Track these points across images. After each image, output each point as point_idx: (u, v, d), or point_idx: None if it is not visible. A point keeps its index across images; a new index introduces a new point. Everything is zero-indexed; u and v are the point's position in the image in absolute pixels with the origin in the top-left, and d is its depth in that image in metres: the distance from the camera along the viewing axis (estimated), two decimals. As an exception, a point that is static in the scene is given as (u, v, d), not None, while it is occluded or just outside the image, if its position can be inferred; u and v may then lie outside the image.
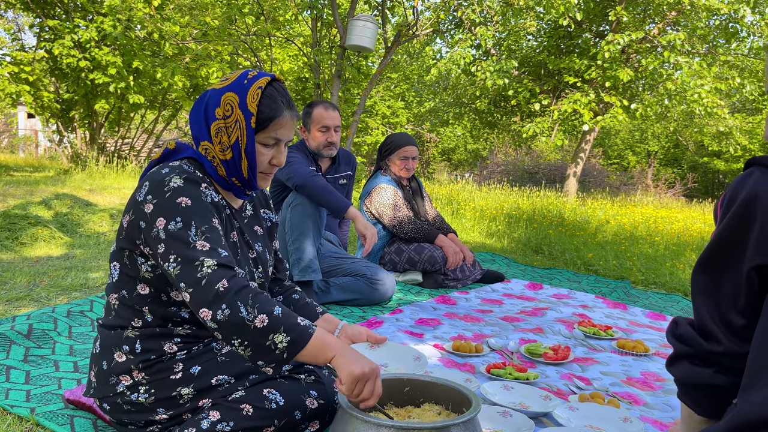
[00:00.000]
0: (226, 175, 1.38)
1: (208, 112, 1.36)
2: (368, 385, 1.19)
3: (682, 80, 10.70)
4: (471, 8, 7.81)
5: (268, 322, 1.16)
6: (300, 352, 1.19)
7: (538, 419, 1.66)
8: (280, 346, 1.17)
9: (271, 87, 1.37)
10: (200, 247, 1.21)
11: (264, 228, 1.57)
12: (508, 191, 11.30)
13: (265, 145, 1.37)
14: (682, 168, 23.50)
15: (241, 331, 1.16)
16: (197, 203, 1.28)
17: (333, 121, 3.07)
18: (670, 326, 1.08)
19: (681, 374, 1.04)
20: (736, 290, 0.95)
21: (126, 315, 1.36)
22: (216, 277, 1.18)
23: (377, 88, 14.15)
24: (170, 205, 1.26)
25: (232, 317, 1.15)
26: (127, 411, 1.34)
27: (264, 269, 1.50)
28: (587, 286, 3.87)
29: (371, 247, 2.82)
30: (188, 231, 1.23)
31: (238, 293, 1.17)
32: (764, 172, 0.92)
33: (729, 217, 0.95)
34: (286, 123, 1.38)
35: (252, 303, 1.17)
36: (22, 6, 9.71)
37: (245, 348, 1.17)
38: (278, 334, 1.17)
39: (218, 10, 7.37)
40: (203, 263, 1.19)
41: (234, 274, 1.20)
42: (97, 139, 10.65)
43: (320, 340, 1.20)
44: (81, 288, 2.88)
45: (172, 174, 1.30)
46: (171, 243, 1.22)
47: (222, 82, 1.38)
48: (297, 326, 1.19)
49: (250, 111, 1.33)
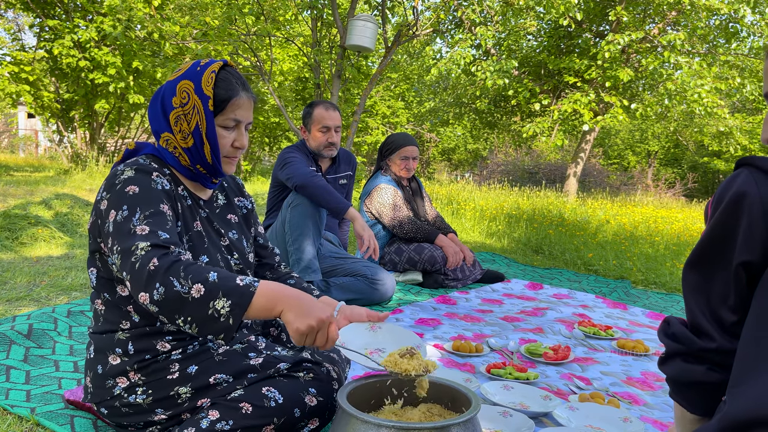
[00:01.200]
0: (190, 163, 1.39)
1: (164, 103, 1.37)
2: (319, 335, 1.18)
3: (682, 80, 10.70)
4: (471, 8, 7.81)
5: (205, 289, 1.12)
6: (245, 314, 1.14)
7: (538, 419, 1.66)
8: (223, 312, 1.12)
9: (224, 71, 1.38)
10: (139, 232, 1.20)
11: (239, 215, 1.58)
12: (508, 191, 11.30)
13: (225, 127, 1.38)
14: (682, 168, 23.50)
15: (180, 306, 1.12)
16: (145, 189, 1.28)
17: (333, 122, 3.07)
18: (662, 326, 1.09)
19: (674, 373, 1.05)
20: (727, 287, 0.97)
21: (113, 318, 1.36)
22: (147, 258, 1.15)
23: (377, 88, 14.16)
24: (120, 195, 1.27)
25: (167, 293, 1.12)
26: (125, 413, 1.34)
27: (240, 256, 1.50)
28: (587, 286, 3.87)
29: (374, 249, 2.81)
30: (132, 218, 1.23)
31: (169, 269, 1.14)
32: (752, 172, 0.95)
33: (717, 216, 0.97)
34: (243, 103, 1.39)
35: (185, 275, 1.13)
36: (22, 6, 9.71)
37: (190, 324, 1.14)
38: (218, 300, 1.12)
39: (218, 10, 7.37)
40: (138, 247, 1.17)
41: (165, 252, 1.17)
42: (97, 139, 10.65)
43: (265, 297, 1.15)
44: (81, 288, 2.88)
45: (125, 168, 1.32)
46: (115, 234, 1.23)
47: (175, 73, 1.40)
48: (236, 288, 1.14)
49: (207, 95, 1.34)
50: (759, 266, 0.93)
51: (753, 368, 0.88)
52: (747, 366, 0.89)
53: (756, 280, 0.94)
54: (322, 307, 1.18)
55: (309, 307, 1.17)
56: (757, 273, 0.94)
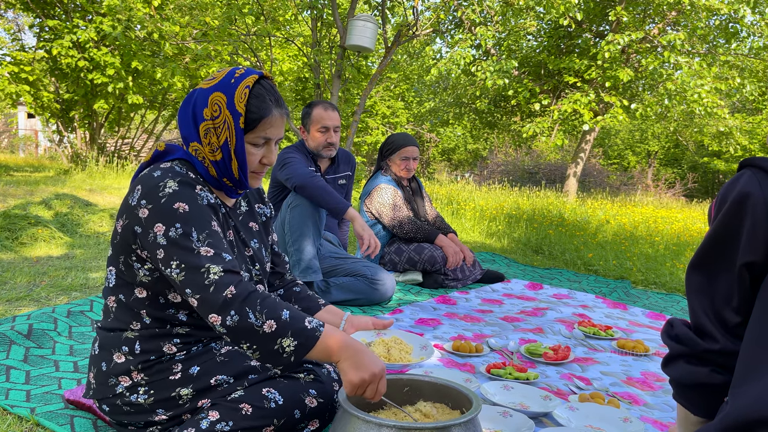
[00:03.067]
0: (217, 175, 1.37)
1: (196, 113, 1.34)
2: (369, 388, 1.22)
3: (682, 80, 10.70)
4: (471, 8, 7.81)
5: (276, 327, 1.18)
6: (306, 355, 1.21)
7: (538, 419, 1.66)
8: (288, 350, 1.19)
9: (258, 85, 1.34)
10: (204, 253, 1.21)
11: (259, 223, 1.56)
12: (508, 191, 11.30)
13: (254, 144, 1.36)
14: (682, 168, 23.50)
15: (250, 336, 1.18)
16: (195, 208, 1.27)
17: (332, 122, 3.07)
18: (665, 328, 1.08)
19: (677, 374, 1.04)
20: (730, 288, 0.97)
21: (124, 318, 1.35)
22: (223, 283, 1.18)
23: (377, 88, 14.15)
24: (167, 210, 1.24)
25: (241, 323, 1.17)
26: (126, 412, 1.34)
27: (261, 266, 1.49)
28: (587, 286, 3.87)
29: (375, 249, 2.80)
30: (190, 237, 1.23)
31: (246, 300, 1.18)
32: (755, 173, 0.95)
33: (721, 217, 0.97)
34: (275, 122, 1.36)
35: (260, 309, 1.18)
36: (22, 6, 9.71)
37: (254, 351, 1.19)
38: (286, 338, 1.19)
39: (218, 10, 7.36)
40: (209, 270, 1.20)
41: (240, 279, 1.21)
42: (97, 139, 10.65)
43: (326, 344, 1.22)
44: (81, 288, 2.88)
45: (165, 178, 1.28)
46: (172, 249, 1.22)
47: (209, 81, 1.36)
48: (304, 330, 1.21)
49: (239, 111, 1.31)
50: (762, 267, 0.93)
51: (755, 369, 0.88)
52: (749, 367, 0.89)
53: (759, 281, 0.94)
54: (376, 361, 1.24)
55: (364, 360, 1.22)
56: (760, 274, 0.94)
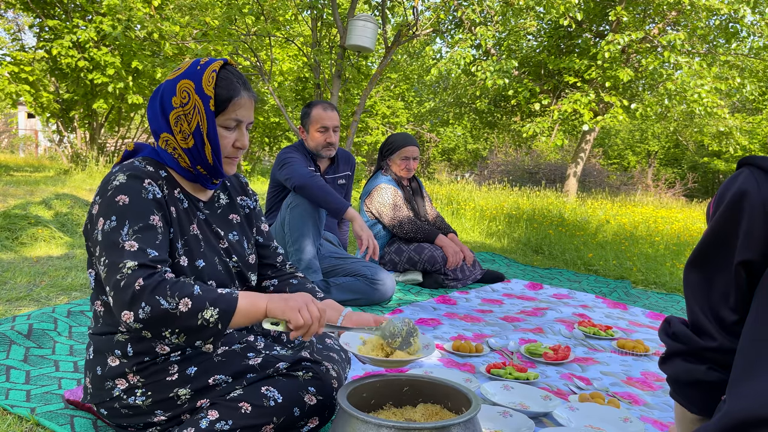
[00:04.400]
0: (190, 164, 1.37)
1: (164, 103, 1.35)
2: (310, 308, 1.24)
3: (682, 80, 10.70)
4: (471, 8, 7.81)
5: (192, 303, 1.17)
6: (233, 318, 1.20)
7: (538, 419, 1.66)
8: (212, 319, 1.18)
9: (225, 70, 1.36)
10: (128, 248, 1.21)
11: (241, 216, 1.56)
12: (508, 191, 11.30)
13: (226, 128, 1.37)
14: (682, 168, 23.50)
15: (168, 321, 1.16)
16: (135, 200, 1.27)
17: (331, 122, 3.07)
18: (663, 326, 1.09)
19: (674, 372, 1.04)
20: (728, 286, 0.97)
21: (112, 321, 1.35)
22: (133, 277, 1.16)
23: (377, 88, 14.15)
24: (110, 203, 1.26)
25: (154, 312, 1.15)
26: (125, 415, 1.34)
27: (240, 258, 1.49)
28: (587, 286, 3.87)
29: (374, 249, 2.80)
30: (120, 230, 1.23)
31: (155, 289, 1.16)
32: (753, 171, 0.95)
33: (718, 215, 0.97)
34: (244, 103, 1.37)
35: (171, 293, 1.17)
36: (22, 6, 9.71)
37: (177, 335, 1.18)
38: (206, 310, 1.18)
39: (218, 10, 7.36)
40: (125, 265, 1.18)
41: (152, 272, 1.19)
42: (97, 139, 10.65)
43: (247, 299, 1.22)
44: (81, 288, 2.88)
45: (119, 172, 1.30)
46: (103, 245, 1.23)
47: (174, 72, 1.37)
48: (221, 296, 1.21)
49: (208, 94, 1.32)
50: (759, 265, 0.93)
51: (753, 368, 0.88)
52: (747, 365, 0.89)
53: (756, 279, 0.94)
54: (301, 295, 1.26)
55: (292, 298, 1.25)
56: (757, 272, 0.94)
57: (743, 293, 0.96)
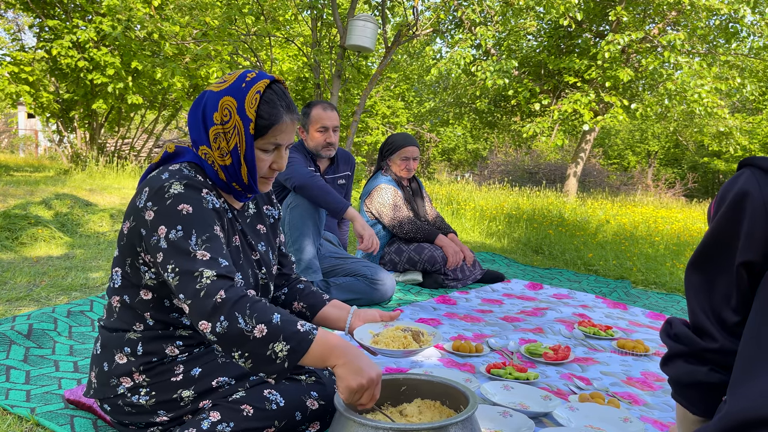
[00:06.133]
0: (226, 179, 1.36)
1: (206, 117, 1.32)
2: (366, 394, 1.19)
3: (682, 80, 10.70)
4: (471, 8, 7.81)
5: (267, 331, 1.15)
6: (301, 360, 1.17)
7: (538, 419, 1.66)
8: (281, 355, 1.15)
9: (270, 90, 1.32)
10: (200, 257, 1.19)
11: (267, 225, 1.55)
12: (508, 191, 11.30)
13: (264, 150, 1.34)
14: (682, 168, 23.50)
15: (240, 342, 1.14)
16: (198, 210, 1.25)
17: (331, 122, 3.07)
18: (664, 327, 1.08)
19: (676, 373, 1.04)
20: (729, 287, 0.97)
21: (128, 319, 1.35)
22: (214, 288, 1.15)
23: (377, 88, 14.15)
24: (171, 212, 1.23)
25: (230, 329, 1.13)
26: (127, 413, 1.34)
27: (267, 270, 1.49)
28: (587, 286, 3.87)
29: (375, 247, 2.81)
30: (188, 240, 1.21)
31: (236, 304, 1.15)
32: (754, 172, 0.95)
33: (720, 216, 0.97)
34: (286, 128, 1.34)
35: (250, 313, 1.15)
36: (22, 6, 9.71)
37: (245, 359, 1.16)
38: (278, 343, 1.15)
39: (218, 10, 7.36)
40: (202, 274, 1.17)
41: (232, 284, 1.18)
42: (97, 139, 10.65)
43: (321, 347, 1.18)
44: (81, 288, 2.88)
45: (172, 179, 1.27)
46: (171, 252, 1.20)
47: (219, 84, 1.34)
48: (296, 334, 1.17)
49: (249, 117, 1.29)
50: (761, 266, 0.93)
51: (754, 368, 0.88)
52: (748, 366, 0.89)
53: (758, 280, 0.94)
54: (372, 365, 1.20)
55: (361, 365, 1.19)
56: (759, 273, 0.94)
57: (744, 294, 0.96)
